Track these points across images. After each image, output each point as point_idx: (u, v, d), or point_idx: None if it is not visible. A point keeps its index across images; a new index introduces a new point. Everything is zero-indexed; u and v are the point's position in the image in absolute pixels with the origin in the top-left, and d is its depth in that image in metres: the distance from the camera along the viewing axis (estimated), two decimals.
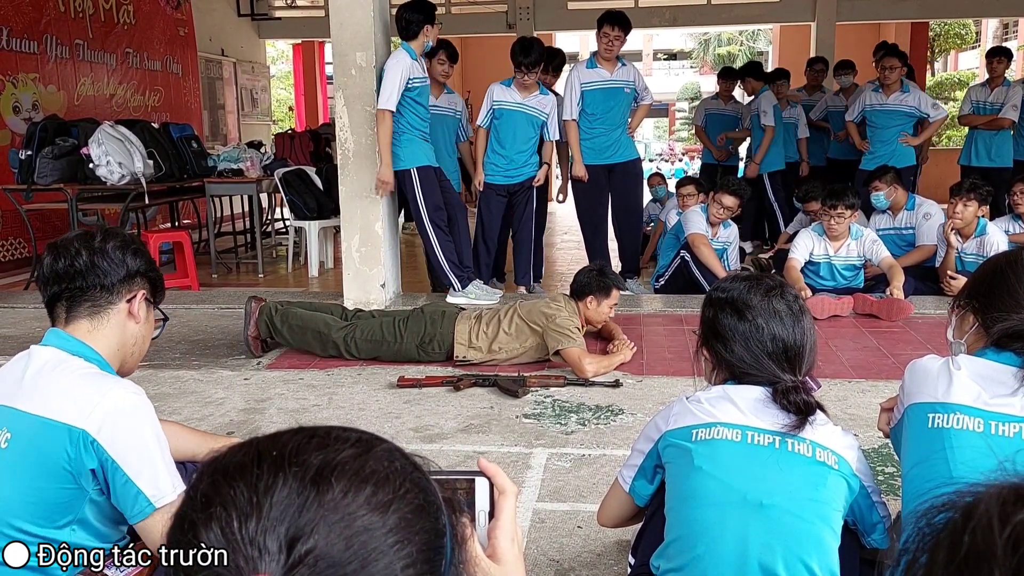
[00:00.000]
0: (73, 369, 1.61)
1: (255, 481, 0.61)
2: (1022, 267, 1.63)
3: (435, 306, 4.31)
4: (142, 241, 1.86)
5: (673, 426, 1.70)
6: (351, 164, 5.18)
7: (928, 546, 0.56)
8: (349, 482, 0.62)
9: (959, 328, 1.72)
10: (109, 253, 1.72)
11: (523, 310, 4.04)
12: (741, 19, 12.06)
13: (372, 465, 0.64)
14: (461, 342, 4.03)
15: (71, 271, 1.70)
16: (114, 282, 1.72)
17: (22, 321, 5.13)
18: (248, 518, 0.59)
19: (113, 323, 1.73)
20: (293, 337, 4.20)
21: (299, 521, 0.59)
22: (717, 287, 1.82)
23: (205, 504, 0.61)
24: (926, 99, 6.81)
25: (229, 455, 0.65)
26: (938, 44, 21.26)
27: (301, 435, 0.66)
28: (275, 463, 0.63)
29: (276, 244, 8.88)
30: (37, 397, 1.56)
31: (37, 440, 1.53)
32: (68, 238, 1.76)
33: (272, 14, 11.94)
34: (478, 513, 0.85)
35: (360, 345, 4.11)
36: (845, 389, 3.65)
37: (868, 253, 5.16)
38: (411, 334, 4.07)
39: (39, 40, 7.49)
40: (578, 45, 29.80)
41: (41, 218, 7.04)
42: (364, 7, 5.04)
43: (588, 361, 3.81)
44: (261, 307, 4.25)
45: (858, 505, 1.67)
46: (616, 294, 4.07)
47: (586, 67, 5.74)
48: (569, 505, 2.60)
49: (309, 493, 0.61)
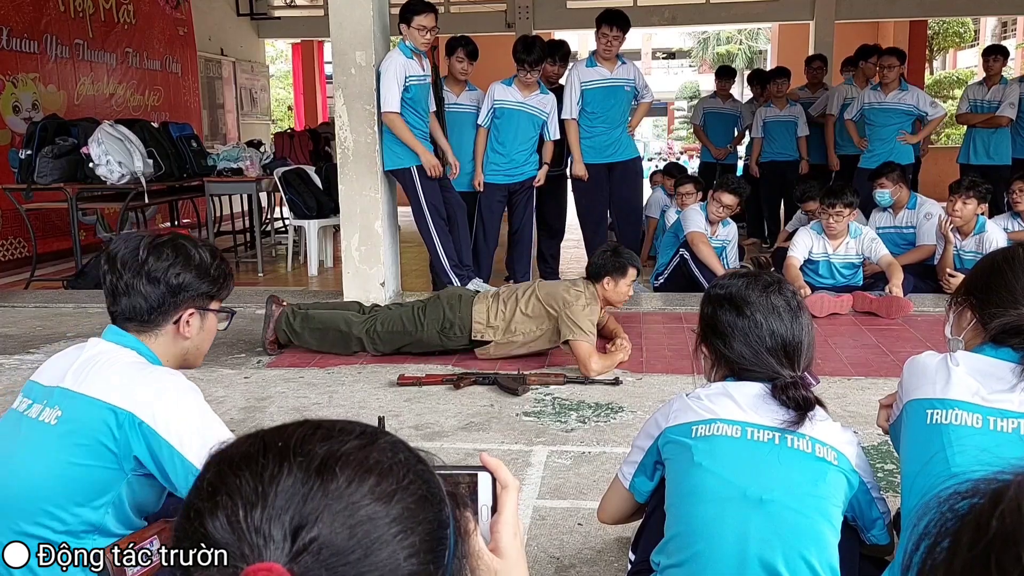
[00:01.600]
0: (123, 358, 1.67)
1: (260, 471, 0.62)
2: (1019, 263, 1.63)
3: (452, 291, 4.33)
4: (200, 246, 1.81)
5: (673, 422, 1.71)
6: (351, 163, 5.18)
7: (951, 530, 0.56)
8: (353, 472, 0.63)
9: (957, 324, 1.72)
10: (152, 274, 1.71)
11: (542, 291, 4.03)
12: (740, 18, 12.06)
13: (376, 456, 0.65)
14: (479, 321, 4.05)
15: (115, 291, 1.73)
16: (155, 306, 1.72)
17: (22, 320, 5.14)
18: (254, 507, 0.60)
19: (162, 340, 1.76)
20: (315, 339, 4.21)
21: (303, 510, 0.60)
22: (716, 284, 1.83)
23: (211, 493, 0.62)
24: (924, 97, 6.82)
25: (235, 446, 0.66)
26: (937, 42, 21.29)
27: (306, 427, 0.67)
28: (280, 453, 0.63)
29: (276, 243, 8.89)
30: (87, 380, 1.62)
31: (84, 418, 1.59)
32: (117, 251, 1.75)
33: (271, 13, 11.95)
34: (481, 507, 0.86)
35: (383, 337, 4.12)
36: (844, 386, 3.66)
37: (867, 251, 5.17)
38: (431, 321, 4.08)
39: (39, 40, 7.49)
40: (577, 44, 29.79)
41: (41, 217, 7.05)
42: (363, 6, 5.04)
43: (595, 360, 3.81)
44: (280, 312, 4.26)
45: (857, 501, 1.68)
46: (633, 272, 4.03)
47: (586, 66, 5.74)
48: (569, 502, 2.60)
49: (314, 482, 0.61)
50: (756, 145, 7.99)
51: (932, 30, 19.13)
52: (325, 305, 4.42)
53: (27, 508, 1.58)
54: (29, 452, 1.61)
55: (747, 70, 16.02)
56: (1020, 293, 1.60)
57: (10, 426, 1.68)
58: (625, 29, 5.61)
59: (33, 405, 1.66)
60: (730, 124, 8.49)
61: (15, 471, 1.61)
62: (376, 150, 5.14)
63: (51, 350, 4.34)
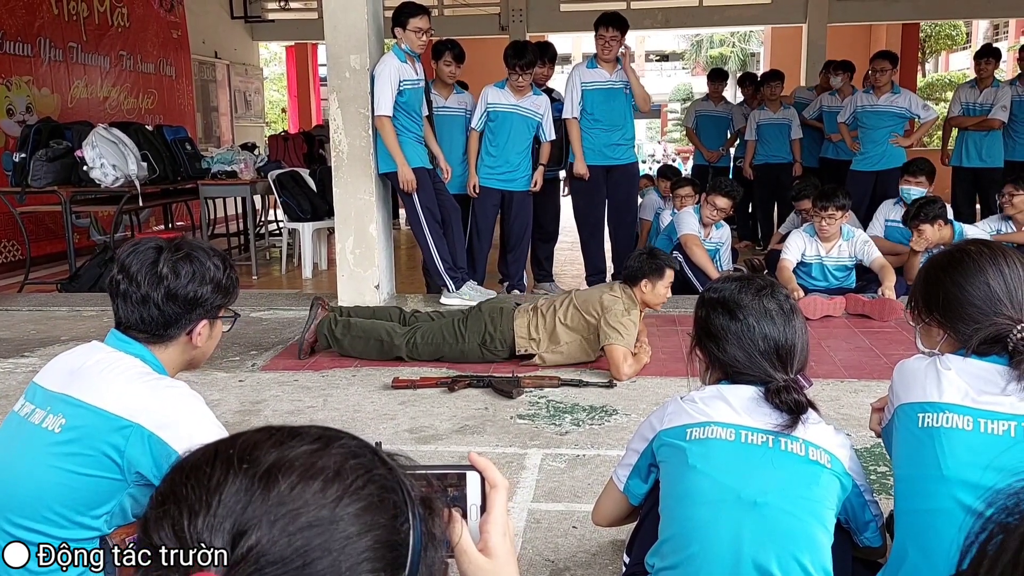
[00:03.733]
0: (128, 367, 1.66)
1: (207, 479, 0.61)
2: (969, 273, 1.61)
3: (493, 303, 4.32)
4: (213, 255, 1.79)
5: (667, 425, 1.71)
6: (345, 166, 5.19)
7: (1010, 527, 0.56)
8: (297, 478, 0.61)
9: (927, 338, 1.71)
10: (172, 291, 1.70)
11: (579, 299, 4.03)
12: (733, 20, 12.10)
13: (324, 461, 0.63)
14: (522, 335, 4.04)
15: (127, 300, 1.71)
16: (171, 321, 1.72)
17: (16, 324, 5.13)
18: (196, 515, 0.60)
19: (172, 350, 1.76)
20: (354, 347, 4.18)
21: (243, 518, 0.59)
22: (709, 287, 1.84)
23: (161, 503, 0.62)
24: (916, 100, 6.85)
25: (192, 455, 0.65)
26: (929, 45, 21.37)
27: (261, 434, 0.66)
28: (227, 461, 0.63)
29: (270, 246, 8.88)
30: (93, 388, 1.61)
31: (88, 428, 1.58)
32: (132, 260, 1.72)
33: (265, 16, 11.96)
34: (470, 507, 0.85)
35: (422, 348, 4.11)
36: (837, 389, 3.68)
37: (859, 254, 5.19)
38: (472, 334, 4.07)
39: (33, 43, 7.48)
40: (571, 47, 29.83)
41: (35, 220, 7.04)
42: (358, 9, 5.05)
43: (628, 364, 3.81)
44: (324, 316, 4.27)
45: (851, 503, 1.69)
46: (670, 274, 3.98)
47: (587, 67, 5.78)
48: (564, 505, 2.61)
49: (256, 489, 0.60)
50: (750, 148, 8.01)
51: (924, 33, 19.21)
52: (366, 312, 4.42)
53: (28, 514, 1.58)
54: (31, 459, 1.60)
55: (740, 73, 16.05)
56: (984, 302, 1.59)
57: (12, 430, 1.67)
58: (623, 30, 5.62)
59: (36, 411, 1.65)
60: (722, 127, 8.51)
61: (17, 477, 1.60)
62: (370, 153, 5.14)
63: (45, 353, 4.34)
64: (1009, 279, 1.59)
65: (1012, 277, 1.60)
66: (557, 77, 7.23)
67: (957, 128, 7.24)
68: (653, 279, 3.94)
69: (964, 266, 1.63)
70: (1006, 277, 1.60)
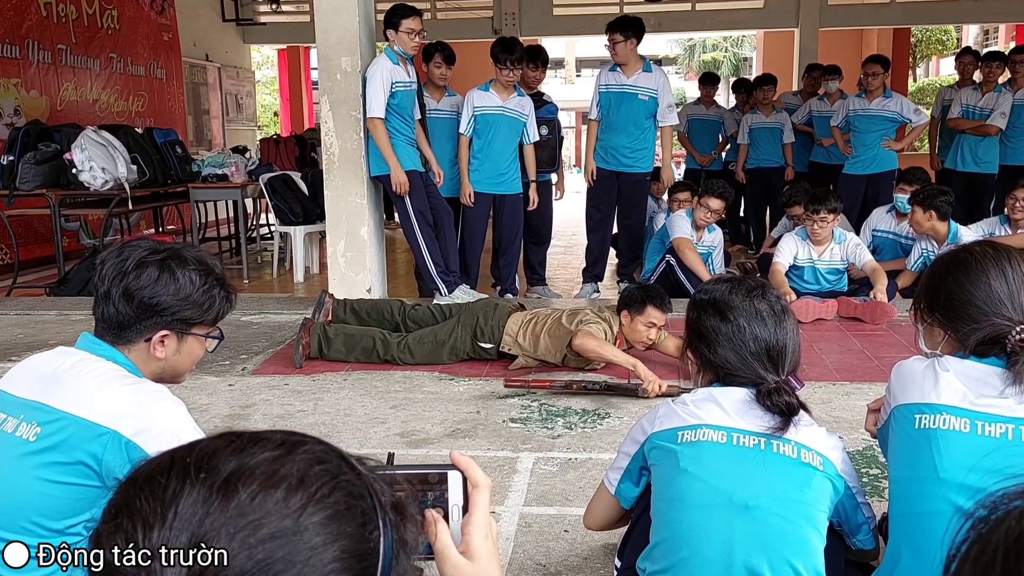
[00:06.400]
0: (103, 371, 1.61)
1: (162, 490, 0.59)
2: (971, 271, 1.61)
3: (488, 300, 4.39)
4: (192, 269, 1.68)
5: (659, 428, 1.70)
6: (336, 169, 5.17)
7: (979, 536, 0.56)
8: (259, 487, 0.58)
9: (929, 339, 1.71)
10: (128, 290, 1.64)
11: (567, 312, 4.03)
12: (725, 25, 12.12)
13: (287, 469, 0.60)
14: (510, 334, 4.03)
15: (96, 297, 1.68)
16: (125, 322, 1.66)
17: (4, 328, 5.09)
18: (151, 528, 0.57)
19: (135, 355, 1.70)
20: (350, 347, 4.18)
21: (200, 530, 0.56)
22: (700, 289, 1.83)
23: (114, 515, 0.59)
24: (908, 104, 6.86)
25: (146, 464, 0.62)
26: (920, 50, 21.46)
27: (220, 440, 0.63)
28: (184, 470, 0.60)
29: (261, 249, 8.85)
30: (68, 395, 1.56)
31: (65, 436, 1.54)
32: (108, 257, 1.69)
33: (257, 19, 11.93)
34: (451, 508, 0.83)
35: (415, 350, 4.12)
36: (829, 392, 3.67)
37: (851, 257, 5.19)
38: (463, 327, 4.10)
39: (21, 45, 7.44)
40: (563, 51, 29.88)
41: (23, 224, 7.00)
42: (349, 12, 5.04)
43: (609, 346, 3.68)
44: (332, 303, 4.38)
45: (843, 506, 1.68)
46: (653, 312, 3.78)
47: (609, 70, 5.80)
48: (556, 509, 2.59)
49: (214, 500, 0.57)
50: (742, 151, 8.03)
51: (915, 38, 19.28)
52: (368, 304, 4.49)
53: (5, 524, 1.54)
54: (6, 468, 1.56)
55: (733, 77, 16.12)
56: (984, 302, 1.58)
57: None
58: (624, 32, 5.61)
59: (8, 419, 1.59)
60: (714, 131, 8.53)
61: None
62: (362, 156, 5.12)
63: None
64: (1012, 280, 1.59)
65: (1014, 279, 1.59)
66: (549, 81, 7.24)
67: (954, 129, 7.20)
68: (633, 312, 3.82)
69: (967, 266, 1.62)
70: (1008, 278, 1.59)
